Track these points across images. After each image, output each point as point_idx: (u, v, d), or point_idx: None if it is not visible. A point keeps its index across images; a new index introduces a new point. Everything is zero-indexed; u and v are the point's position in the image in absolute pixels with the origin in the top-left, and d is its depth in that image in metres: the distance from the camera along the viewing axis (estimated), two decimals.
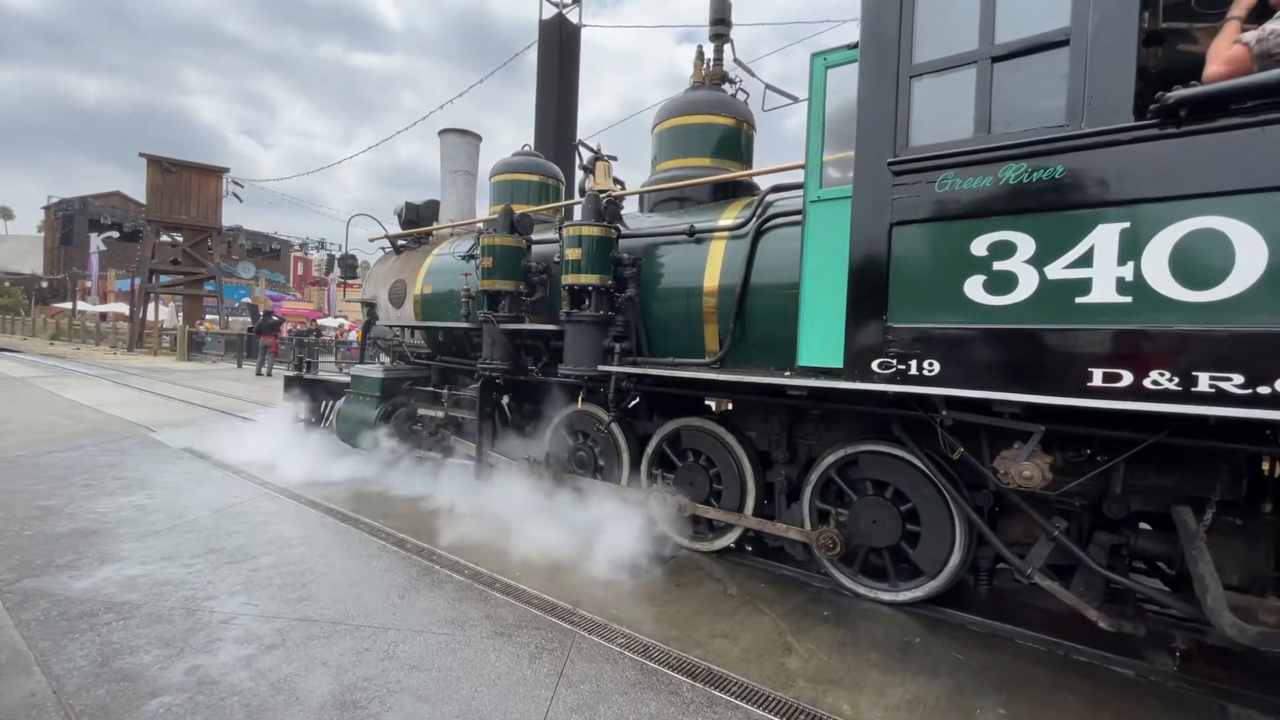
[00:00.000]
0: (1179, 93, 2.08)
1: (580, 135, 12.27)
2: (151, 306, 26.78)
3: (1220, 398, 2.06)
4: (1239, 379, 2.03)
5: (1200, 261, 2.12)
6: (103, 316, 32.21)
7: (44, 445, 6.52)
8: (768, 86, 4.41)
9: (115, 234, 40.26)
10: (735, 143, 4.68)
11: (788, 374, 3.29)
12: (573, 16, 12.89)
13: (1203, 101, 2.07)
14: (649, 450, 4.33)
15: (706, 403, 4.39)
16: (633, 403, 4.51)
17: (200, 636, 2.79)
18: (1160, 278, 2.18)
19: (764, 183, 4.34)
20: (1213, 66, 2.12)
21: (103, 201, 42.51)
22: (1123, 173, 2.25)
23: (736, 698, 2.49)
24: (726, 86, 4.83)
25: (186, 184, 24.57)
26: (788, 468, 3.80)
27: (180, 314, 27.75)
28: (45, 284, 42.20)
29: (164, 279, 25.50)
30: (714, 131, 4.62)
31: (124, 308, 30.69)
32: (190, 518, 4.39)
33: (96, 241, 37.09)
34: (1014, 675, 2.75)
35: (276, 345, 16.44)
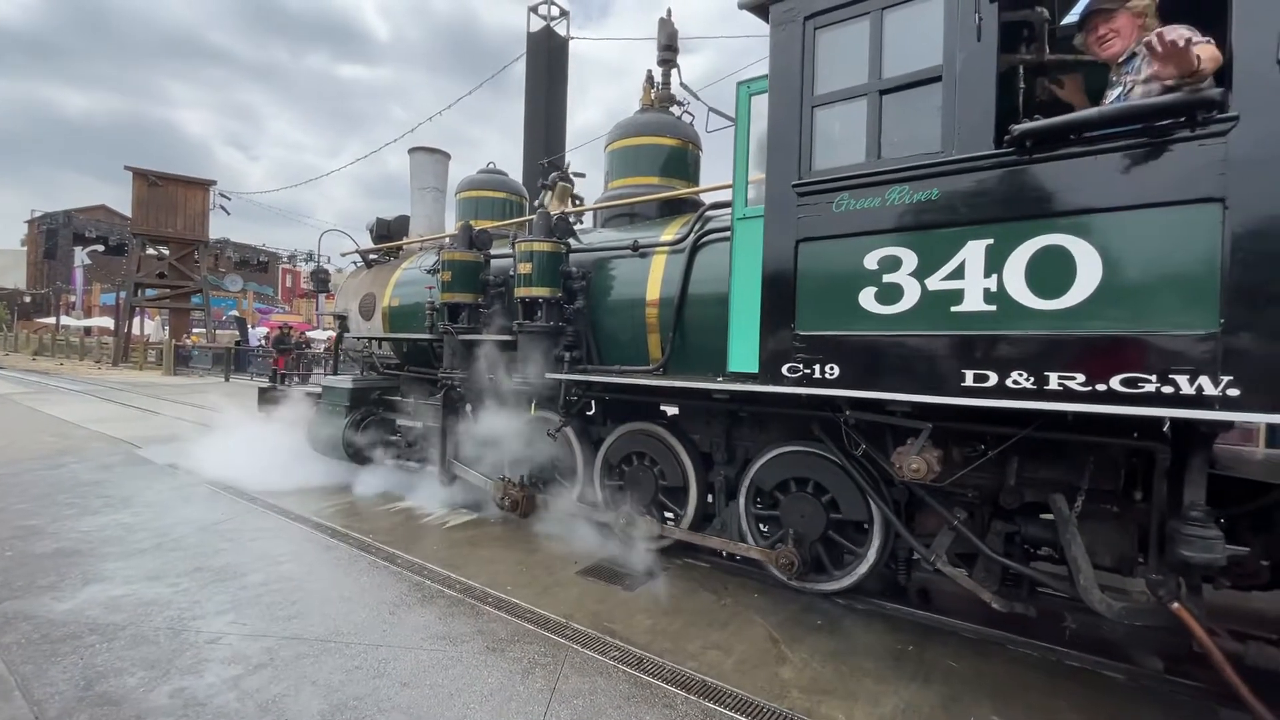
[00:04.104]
0: (1023, 125, 2.36)
1: (569, 145, 12.50)
2: (137, 321, 26.78)
3: (1067, 394, 2.33)
4: (1081, 377, 2.30)
5: (1048, 274, 2.39)
6: (87, 331, 32.12)
7: (26, 463, 6.54)
8: (710, 109, 4.68)
9: (100, 248, 40.07)
10: (682, 162, 4.96)
11: (720, 379, 3.54)
12: (560, 29, 13.11)
13: (1043, 134, 2.34)
14: (600, 453, 4.57)
15: (662, 408, 4.64)
16: (587, 409, 4.74)
17: (186, 657, 2.75)
18: (1018, 288, 2.45)
19: (708, 200, 4.61)
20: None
21: (87, 215, 42.30)
22: (986, 195, 2.53)
23: (731, 710, 2.49)
24: (674, 109, 5.09)
25: (173, 197, 24.60)
26: (726, 468, 4.04)
27: (166, 328, 27.75)
28: (28, 299, 41.92)
29: (150, 293, 25.54)
30: (661, 152, 4.90)
31: (109, 322, 30.62)
32: (176, 535, 4.37)
33: (81, 255, 36.96)
34: (1007, 682, 2.77)
35: (282, 362, 16.46)
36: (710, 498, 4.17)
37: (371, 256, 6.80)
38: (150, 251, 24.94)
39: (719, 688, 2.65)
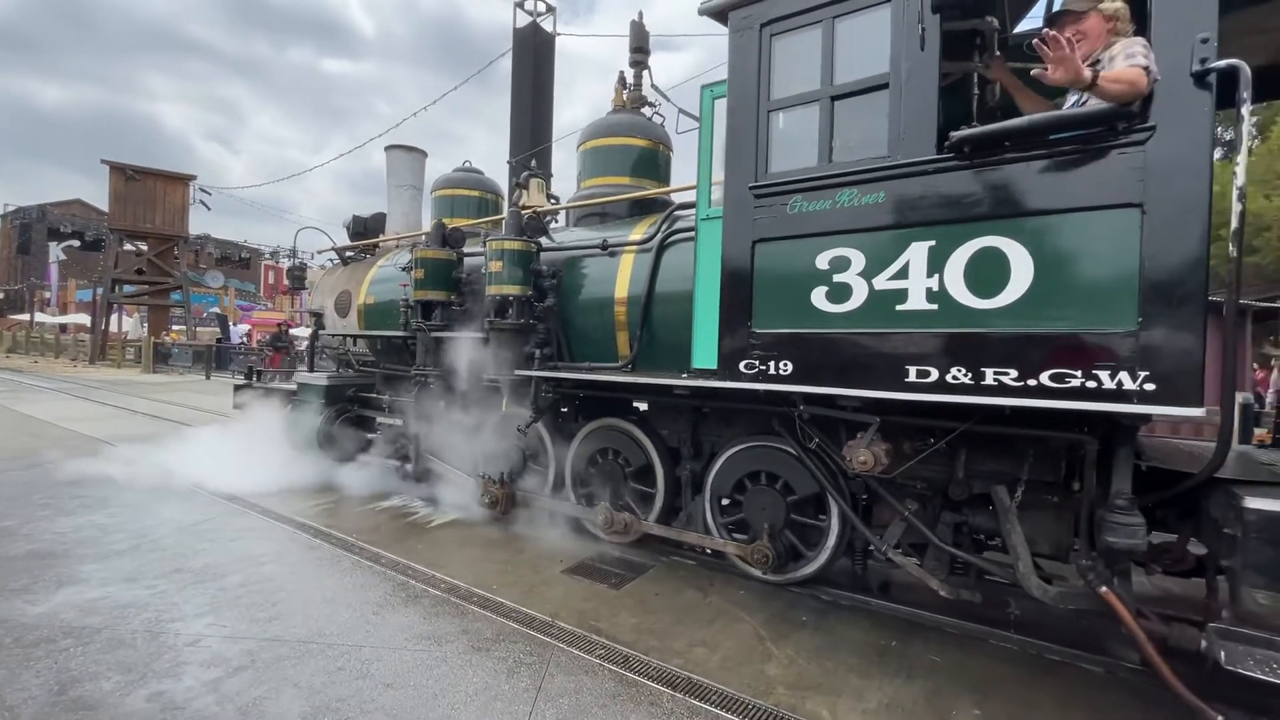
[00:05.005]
0: (961, 132, 2.46)
1: (555, 142, 12.50)
2: (115, 317, 26.38)
3: (1001, 389, 2.45)
4: (1014, 373, 2.43)
5: (985, 274, 2.50)
6: (62, 328, 31.56)
7: None
8: (680, 111, 4.77)
9: (76, 243, 39.36)
10: (653, 162, 5.04)
11: (684, 376, 3.63)
12: (546, 25, 13.06)
13: (979, 140, 2.45)
14: (572, 448, 4.65)
15: (635, 405, 4.71)
16: (561, 406, 4.81)
17: (164, 660, 2.71)
18: (957, 288, 2.56)
19: (678, 200, 4.69)
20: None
21: (62, 210, 41.43)
22: (928, 198, 2.63)
23: (717, 707, 2.50)
24: (645, 110, 5.17)
25: (151, 191, 24.20)
26: (693, 462, 4.13)
27: (145, 325, 27.34)
28: (1, 295, 41.07)
29: (128, 289, 25.16)
30: (632, 152, 4.98)
31: (85, 319, 30.11)
32: (154, 536, 4.30)
33: (56, 251, 36.32)
34: (988, 675, 2.80)
35: (277, 360, 16.26)
36: (681, 492, 4.23)
37: (348, 254, 6.82)
38: (128, 247, 24.55)
39: (705, 685, 2.67)
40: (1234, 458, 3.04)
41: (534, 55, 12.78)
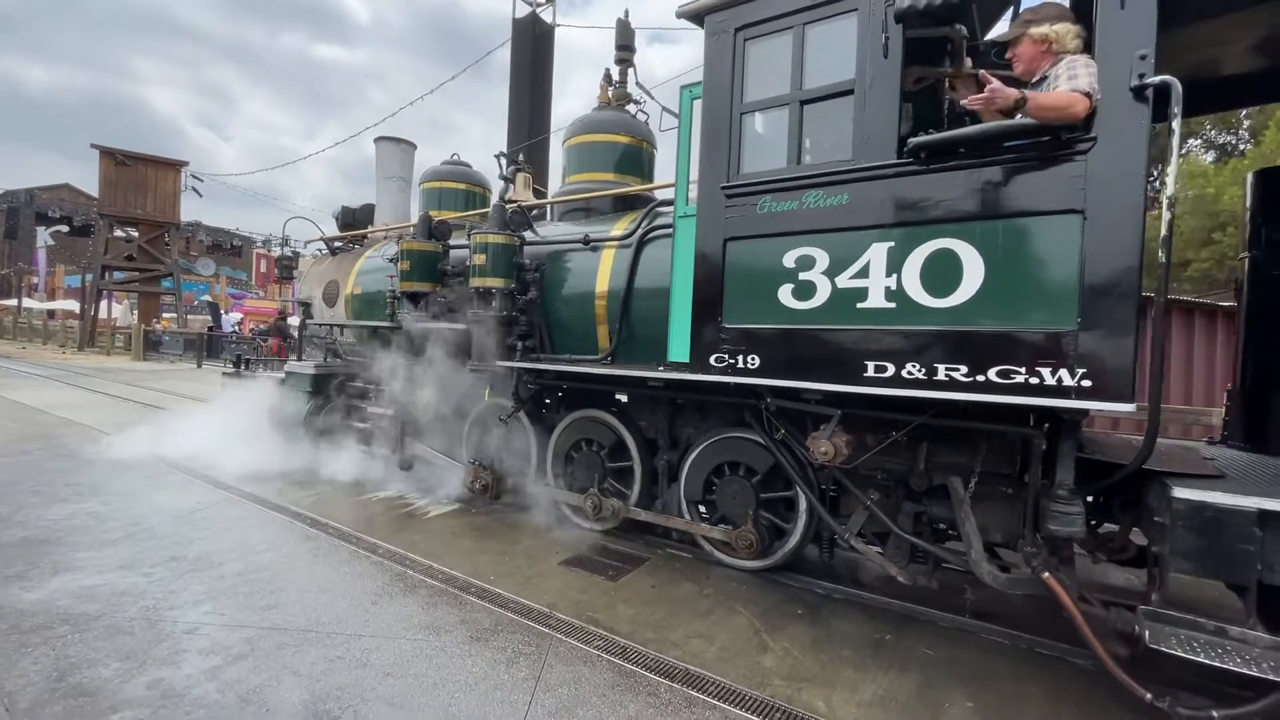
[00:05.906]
0: (918, 138, 2.58)
1: (553, 133, 12.53)
2: (104, 304, 26.24)
3: (952, 384, 2.58)
4: (964, 369, 2.56)
5: (939, 275, 2.62)
6: (51, 314, 31.36)
7: None
8: (664, 109, 4.84)
9: (64, 228, 38.99)
10: (636, 159, 5.14)
11: (660, 369, 3.75)
12: (546, 16, 13.02)
13: (934, 147, 2.56)
14: (553, 438, 4.77)
15: (617, 396, 4.82)
16: (544, 396, 4.91)
17: (163, 648, 2.72)
18: (914, 287, 2.68)
19: (661, 197, 4.79)
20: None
21: (51, 194, 40.99)
22: (888, 201, 2.75)
23: (714, 698, 2.54)
24: (631, 107, 5.25)
25: (142, 177, 24.04)
26: (669, 453, 4.25)
27: (135, 312, 27.24)
28: None
29: (118, 275, 25.01)
30: (616, 149, 5.08)
31: (74, 305, 29.93)
32: (149, 524, 4.32)
33: (44, 236, 35.99)
34: (980, 669, 2.85)
35: (280, 349, 16.07)
36: (658, 481, 4.35)
37: (337, 244, 6.89)
38: (118, 233, 24.40)
39: (702, 676, 2.71)
40: (1181, 453, 3.20)
41: (533, 45, 12.76)
